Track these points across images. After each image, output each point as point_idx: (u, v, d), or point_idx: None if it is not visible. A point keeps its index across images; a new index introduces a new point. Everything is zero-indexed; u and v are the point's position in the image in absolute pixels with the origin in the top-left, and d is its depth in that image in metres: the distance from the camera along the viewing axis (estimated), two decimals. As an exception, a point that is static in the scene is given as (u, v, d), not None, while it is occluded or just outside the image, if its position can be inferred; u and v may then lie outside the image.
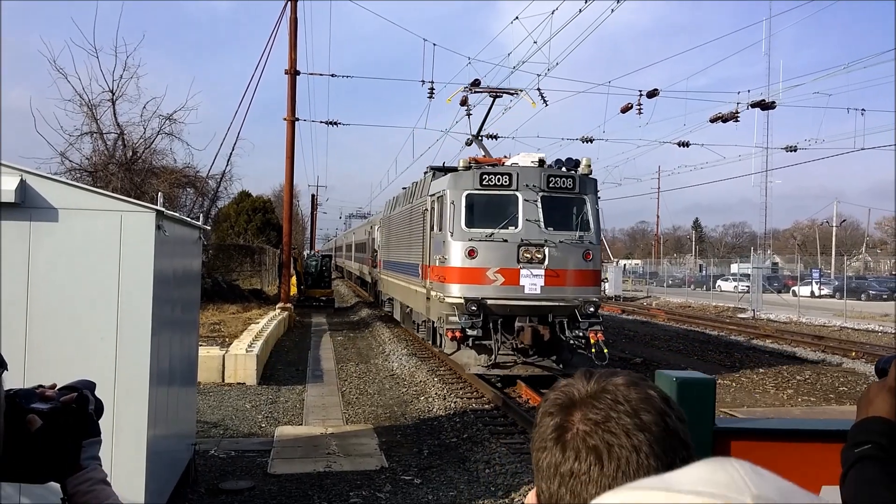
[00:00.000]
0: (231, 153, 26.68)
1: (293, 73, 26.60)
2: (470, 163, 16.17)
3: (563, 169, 16.15)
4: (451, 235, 15.70)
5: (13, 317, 5.90)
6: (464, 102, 26.38)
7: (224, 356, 15.76)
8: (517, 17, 19.72)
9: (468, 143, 28.01)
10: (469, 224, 15.59)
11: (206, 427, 11.62)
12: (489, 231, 15.35)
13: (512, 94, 20.50)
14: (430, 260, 17.43)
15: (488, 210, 15.59)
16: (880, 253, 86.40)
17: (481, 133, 22.55)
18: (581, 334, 14.84)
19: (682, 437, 1.08)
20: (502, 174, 15.56)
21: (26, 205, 5.86)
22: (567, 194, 15.70)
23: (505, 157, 18.56)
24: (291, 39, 26.31)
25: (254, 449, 10.71)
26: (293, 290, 33.44)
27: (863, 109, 30.56)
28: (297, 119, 27.34)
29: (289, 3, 26.07)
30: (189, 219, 8.49)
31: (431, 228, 17.46)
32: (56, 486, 1.59)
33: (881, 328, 33.29)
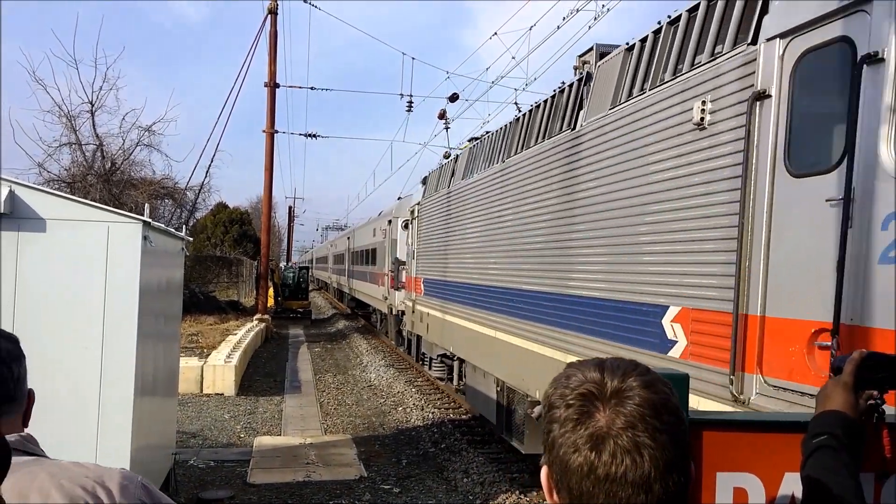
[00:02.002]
0: (210, 165, 26.59)
1: (273, 85, 26.67)
2: None
3: None
4: None
5: (1, 326, 5.94)
6: (442, 116, 26.61)
7: (203, 367, 15.76)
8: (496, 33, 19.96)
9: (446, 157, 28.25)
10: None
11: (185, 437, 11.63)
12: None
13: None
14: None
15: None
16: None
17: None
18: None
19: (686, 429, 1.21)
20: None
21: (15, 215, 5.93)
22: None
23: None
24: (271, 53, 26.40)
25: (233, 459, 10.74)
26: (270, 302, 33.34)
27: None
28: (276, 131, 27.39)
29: (268, 17, 26.16)
30: (173, 230, 8.56)
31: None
32: None
33: None
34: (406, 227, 18.97)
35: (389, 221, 23.17)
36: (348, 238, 40.60)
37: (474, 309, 11.50)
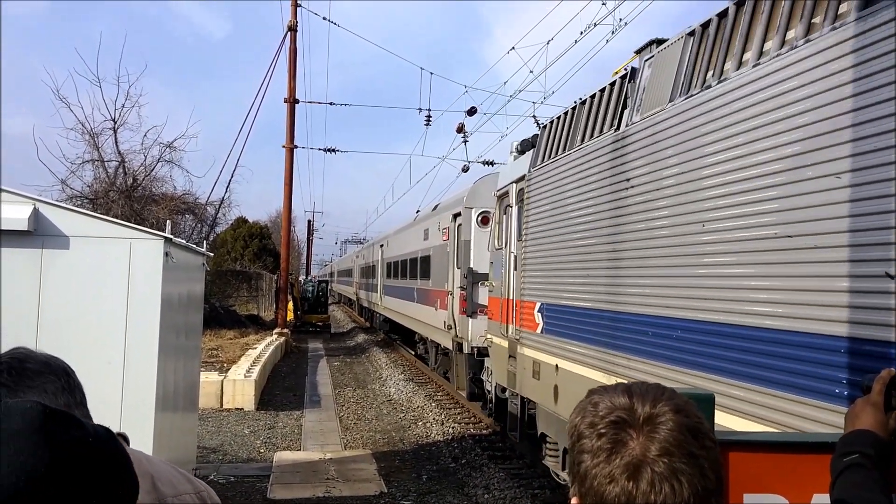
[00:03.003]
0: (230, 180, 26.85)
1: (292, 101, 26.88)
2: None
3: None
4: None
5: (24, 341, 6.00)
6: (460, 130, 26.69)
7: (223, 381, 15.81)
8: (513, 48, 20.00)
9: (464, 170, 28.29)
10: None
11: (205, 452, 11.66)
12: None
13: None
14: None
15: None
16: None
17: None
18: None
19: (718, 452, 1.19)
20: None
21: (39, 232, 6.01)
22: None
23: None
24: (291, 69, 26.64)
25: (253, 474, 10.74)
26: (290, 316, 33.46)
27: None
28: (296, 146, 27.58)
29: (288, 34, 26.41)
30: (194, 245, 8.62)
31: None
32: None
33: None
34: (485, 222, 14.45)
35: (456, 216, 16.11)
36: (381, 246, 32.04)
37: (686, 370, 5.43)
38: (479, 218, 15.04)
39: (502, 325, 10.68)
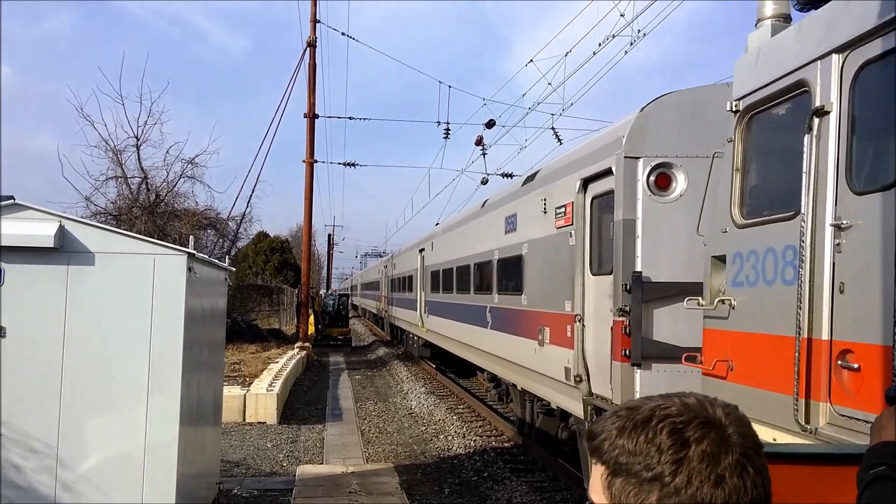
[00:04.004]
0: (251, 195, 27.01)
1: (312, 116, 27.08)
2: None
3: None
4: None
5: (50, 358, 6.09)
6: (479, 142, 26.74)
7: (245, 395, 15.89)
8: (531, 60, 20.03)
9: (483, 182, 28.29)
10: None
11: (228, 466, 11.72)
12: None
13: None
14: None
15: None
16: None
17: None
18: None
19: None
20: None
21: (65, 249, 6.09)
22: None
23: None
24: (310, 84, 26.86)
25: (276, 488, 10.77)
26: (311, 330, 33.57)
27: None
28: (316, 161, 27.76)
29: (307, 49, 26.65)
30: (216, 261, 8.70)
31: None
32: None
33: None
34: (665, 183, 8.24)
35: (590, 180, 9.40)
36: (420, 251, 25.01)
37: None
38: (654, 177, 8.18)
39: (783, 399, 4.82)
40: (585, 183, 9.27)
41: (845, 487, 1.64)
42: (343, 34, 33.19)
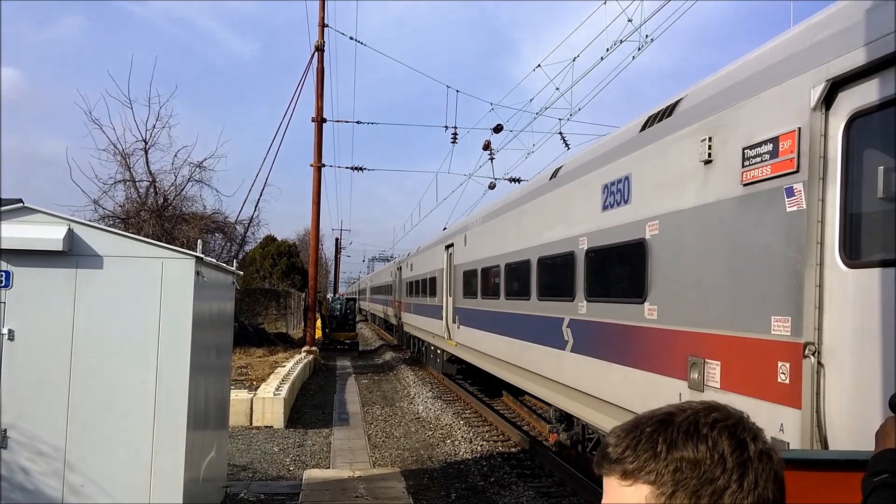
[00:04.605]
0: (259, 199, 27.09)
1: (320, 120, 27.14)
2: None
3: None
4: None
5: (58, 362, 6.11)
6: (486, 147, 26.77)
7: (252, 399, 15.91)
8: (539, 66, 20.04)
9: (491, 187, 28.31)
10: None
11: (235, 470, 11.73)
12: None
13: None
14: None
15: None
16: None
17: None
18: None
19: None
20: None
21: (73, 252, 6.12)
22: None
23: None
24: (318, 89, 26.91)
25: (282, 492, 10.77)
26: (318, 334, 33.59)
27: None
28: (324, 165, 27.82)
29: (315, 53, 26.73)
30: (224, 264, 8.72)
31: None
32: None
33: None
34: None
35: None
36: (448, 248, 20.87)
37: None
38: None
39: None
40: (835, 88, 5.01)
41: (851, 494, 1.63)
42: (351, 38, 33.29)
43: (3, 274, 6.05)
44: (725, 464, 1.13)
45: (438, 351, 22.92)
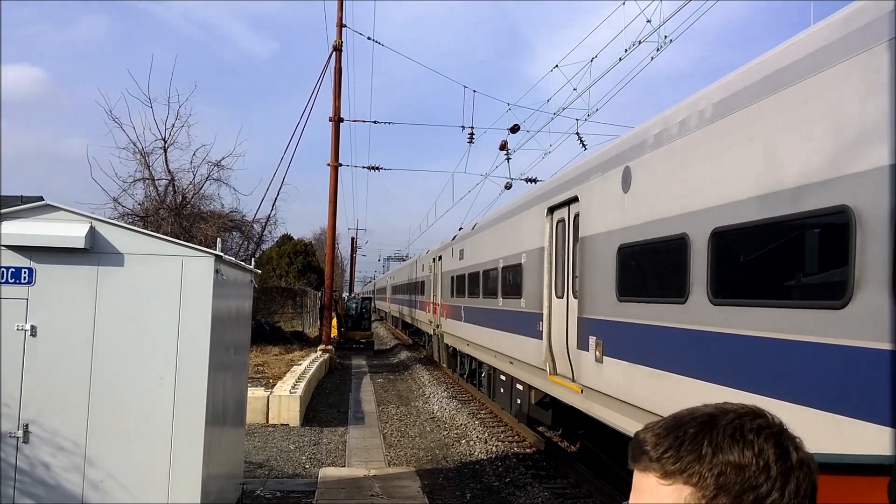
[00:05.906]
0: (276, 198, 27.20)
1: (337, 120, 27.23)
2: None
3: None
4: None
5: (80, 358, 6.17)
6: (503, 147, 26.71)
7: (268, 397, 15.99)
8: (557, 66, 20.00)
9: (507, 187, 28.26)
10: None
11: (251, 467, 11.79)
12: None
13: None
14: None
15: None
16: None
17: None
18: None
19: None
20: None
21: (95, 250, 6.17)
22: None
23: None
24: (336, 89, 27.00)
25: (298, 490, 10.82)
26: (334, 332, 33.69)
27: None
28: (341, 164, 27.89)
29: (333, 53, 26.81)
30: (243, 263, 8.77)
31: None
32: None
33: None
34: None
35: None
36: (549, 212, 11.38)
37: None
38: None
39: None
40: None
41: (875, 497, 1.62)
42: (368, 38, 33.30)
43: (26, 271, 6.12)
44: (769, 471, 1.13)
45: (519, 387, 14.02)
